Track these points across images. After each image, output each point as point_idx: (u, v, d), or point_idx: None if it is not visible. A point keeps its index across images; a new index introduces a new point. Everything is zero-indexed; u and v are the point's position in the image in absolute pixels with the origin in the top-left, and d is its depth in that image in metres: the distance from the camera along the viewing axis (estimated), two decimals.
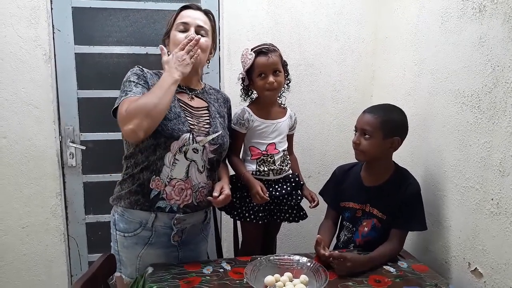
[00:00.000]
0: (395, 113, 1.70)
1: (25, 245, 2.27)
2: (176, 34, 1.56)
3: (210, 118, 1.62)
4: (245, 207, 1.80)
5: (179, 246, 1.63)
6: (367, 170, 1.78)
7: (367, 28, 2.41)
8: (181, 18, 1.58)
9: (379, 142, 1.65)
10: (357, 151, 1.71)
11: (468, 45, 1.59)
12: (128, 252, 1.58)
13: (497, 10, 1.43)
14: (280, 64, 1.79)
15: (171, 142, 1.49)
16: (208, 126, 1.59)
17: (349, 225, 1.80)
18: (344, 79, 2.44)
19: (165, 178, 1.51)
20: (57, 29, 2.18)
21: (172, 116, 1.50)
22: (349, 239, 1.80)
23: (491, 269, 1.49)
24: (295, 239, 2.50)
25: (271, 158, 1.82)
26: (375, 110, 1.70)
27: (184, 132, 1.50)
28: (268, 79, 1.75)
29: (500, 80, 1.42)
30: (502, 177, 1.43)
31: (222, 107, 1.74)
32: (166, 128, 1.47)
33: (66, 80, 2.23)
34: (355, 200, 1.78)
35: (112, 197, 1.62)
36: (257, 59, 1.75)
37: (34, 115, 2.16)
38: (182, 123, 1.51)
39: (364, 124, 1.67)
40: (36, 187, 2.22)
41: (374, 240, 1.71)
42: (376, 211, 1.72)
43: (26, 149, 2.18)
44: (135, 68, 1.56)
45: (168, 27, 1.61)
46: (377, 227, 1.72)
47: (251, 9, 2.28)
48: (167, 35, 1.62)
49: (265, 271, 1.43)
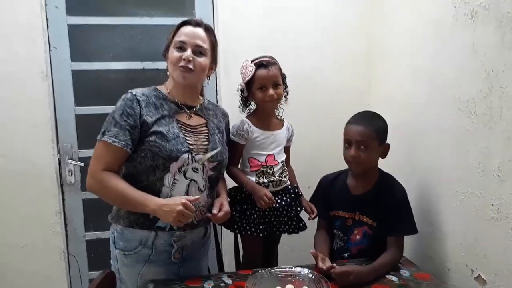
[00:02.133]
0: (381, 120, 1.73)
1: (25, 264, 2.24)
2: (173, 52, 1.54)
3: (208, 135, 1.62)
4: (245, 220, 1.80)
5: (180, 263, 1.61)
6: (355, 178, 1.79)
7: (362, 37, 2.42)
8: (179, 35, 1.55)
9: (376, 152, 1.67)
10: (354, 164, 1.70)
11: (462, 51, 1.60)
12: (129, 270, 1.56)
13: (489, 16, 1.44)
14: (280, 77, 1.80)
15: (170, 164, 1.48)
16: (206, 143, 1.59)
17: (340, 233, 1.80)
18: (340, 89, 2.44)
19: (164, 198, 1.49)
20: (54, 47, 2.19)
21: (171, 137, 1.50)
22: (342, 248, 1.80)
23: (494, 276, 1.48)
24: (297, 251, 2.47)
25: (271, 169, 1.82)
26: (363, 119, 1.70)
27: (183, 152, 1.50)
28: (268, 92, 1.76)
29: (494, 85, 1.43)
30: (501, 182, 1.42)
31: (221, 122, 1.73)
32: (164, 149, 1.47)
33: (64, 97, 2.23)
34: (344, 209, 1.78)
35: (111, 214, 1.61)
36: (258, 72, 1.76)
37: (32, 133, 2.15)
38: (181, 144, 1.51)
39: (359, 136, 1.66)
40: (35, 205, 2.21)
41: (367, 248, 1.71)
42: (366, 219, 1.73)
43: (24, 168, 2.17)
44: (128, 95, 1.51)
45: (168, 42, 1.59)
46: (368, 234, 1.72)
47: (246, 20, 2.30)
48: (166, 50, 1.59)
49: (266, 284, 1.42)
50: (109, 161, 1.48)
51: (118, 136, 1.45)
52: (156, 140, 1.48)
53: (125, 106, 1.48)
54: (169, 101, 1.58)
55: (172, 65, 1.54)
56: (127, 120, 1.47)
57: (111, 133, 1.46)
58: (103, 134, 1.48)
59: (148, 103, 1.52)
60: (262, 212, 1.80)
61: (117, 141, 1.45)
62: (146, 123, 1.48)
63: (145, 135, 1.48)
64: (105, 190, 1.48)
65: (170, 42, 1.57)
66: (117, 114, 1.48)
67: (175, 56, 1.52)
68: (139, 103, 1.49)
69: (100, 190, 1.49)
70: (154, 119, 1.50)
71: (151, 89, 1.58)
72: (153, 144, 1.47)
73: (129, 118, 1.47)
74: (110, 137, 1.45)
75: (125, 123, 1.46)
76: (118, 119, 1.47)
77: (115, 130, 1.46)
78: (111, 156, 1.47)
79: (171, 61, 1.54)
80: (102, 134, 1.48)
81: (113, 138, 1.45)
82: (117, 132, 1.46)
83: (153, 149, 1.47)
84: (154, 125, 1.49)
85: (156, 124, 1.50)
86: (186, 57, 1.51)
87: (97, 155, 1.50)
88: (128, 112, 1.47)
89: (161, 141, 1.48)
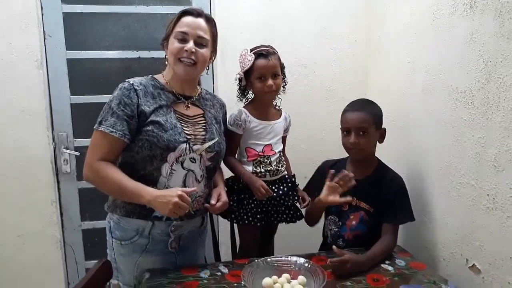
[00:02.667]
0: (375, 105, 1.77)
1: (21, 254, 2.24)
2: (174, 42, 1.51)
3: (206, 125, 1.61)
4: (242, 209, 1.80)
5: (176, 253, 1.62)
6: (353, 164, 1.80)
7: (359, 27, 2.41)
8: (181, 26, 1.51)
9: (374, 137, 1.71)
10: (355, 150, 1.71)
11: (460, 41, 1.59)
12: (125, 260, 1.56)
13: (488, 5, 1.44)
14: (279, 68, 1.79)
15: (167, 154, 1.48)
16: (204, 133, 1.58)
17: (335, 218, 1.81)
18: (338, 79, 2.44)
19: (162, 188, 1.49)
20: (48, 35, 2.16)
21: (168, 127, 1.49)
22: (336, 233, 1.81)
23: (489, 265, 1.49)
24: (293, 241, 2.49)
25: (268, 159, 1.82)
26: (359, 107, 1.73)
27: (180, 142, 1.49)
28: (267, 82, 1.75)
29: (492, 75, 1.42)
30: (497, 173, 1.42)
31: (218, 113, 1.72)
32: (162, 139, 1.46)
33: (59, 86, 2.21)
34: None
35: (107, 204, 1.61)
36: (257, 62, 1.75)
37: (27, 123, 2.14)
38: (178, 134, 1.50)
39: (359, 123, 1.68)
40: (30, 195, 2.20)
41: (363, 233, 1.73)
42: (363, 204, 1.74)
43: (19, 157, 2.16)
44: (126, 85, 1.49)
45: (168, 31, 1.55)
46: (365, 220, 1.73)
47: (243, 9, 2.28)
48: (166, 39, 1.56)
49: (262, 273, 1.42)
50: (106, 151, 1.46)
51: (115, 126, 1.44)
52: (153, 130, 1.46)
53: (122, 96, 1.46)
54: (167, 90, 1.56)
55: (173, 56, 1.51)
56: (124, 110, 1.45)
57: (108, 123, 1.44)
58: (99, 123, 1.46)
59: (145, 93, 1.50)
60: (259, 202, 1.80)
61: (114, 131, 1.44)
62: (143, 112, 1.47)
63: (143, 125, 1.47)
64: (101, 181, 1.47)
65: (171, 32, 1.53)
66: (114, 104, 1.46)
67: (176, 47, 1.50)
68: (136, 93, 1.47)
69: (97, 180, 1.48)
70: (151, 108, 1.49)
71: (148, 78, 1.56)
72: (151, 134, 1.46)
73: (126, 107, 1.45)
74: (107, 127, 1.44)
75: (122, 112, 1.45)
76: (115, 109, 1.45)
77: (112, 120, 1.44)
78: (108, 146, 1.46)
79: (171, 52, 1.51)
80: (99, 123, 1.46)
81: (110, 128, 1.44)
82: (114, 121, 1.44)
83: (151, 139, 1.46)
84: (151, 114, 1.48)
85: (153, 114, 1.48)
86: (189, 49, 1.49)
87: (93, 145, 1.48)
88: (126, 101, 1.46)
89: (159, 131, 1.46)
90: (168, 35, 1.55)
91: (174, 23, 1.53)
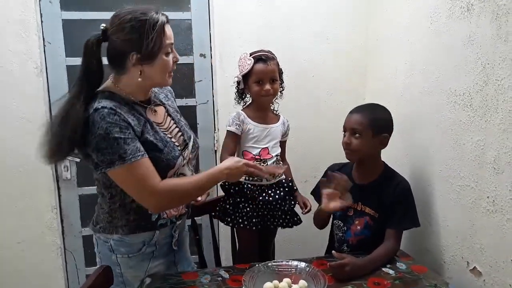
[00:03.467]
0: (381, 111, 1.75)
1: (21, 260, 2.24)
2: (167, 58, 1.39)
3: (176, 124, 1.56)
4: (238, 213, 1.80)
5: (175, 251, 1.62)
6: (358, 169, 1.80)
7: (358, 30, 2.42)
8: (168, 38, 1.38)
9: (369, 140, 1.68)
10: (348, 151, 1.72)
11: (458, 44, 1.59)
12: (134, 271, 1.52)
13: (485, 8, 1.44)
14: (277, 73, 1.81)
15: (167, 172, 1.42)
16: (181, 134, 1.55)
17: (340, 223, 1.81)
18: (336, 83, 2.44)
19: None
20: (48, 42, 2.17)
21: (162, 145, 1.41)
22: (341, 238, 1.81)
23: (489, 268, 1.49)
24: (294, 245, 2.49)
25: (264, 162, 1.82)
26: (361, 109, 1.74)
27: (177, 157, 1.45)
28: (264, 87, 1.77)
29: (490, 77, 1.43)
30: (497, 175, 1.43)
31: (173, 102, 1.66)
32: (160, 160, 1.39)
33: (59, 92, 2.19)
34: None
35: (99, 225, 1.50)
36: (256, 66, 1.76)
37: (27, 129, 2.13)
38: (172, 149, 1.45)
39: (353, 124, 1.69)
40: (31, 201, 2.20)
41: (368, 238, 1.72)
42: (368, 209, 1.73)
43: (20, 163, 2.16)
44: (105, 111, 1.30)
45: (157, 46, 1.34)
46: (370, 225, 1.72)
47: (242, 13, 2.28)
48: (154, 54, 1.35)
49: (263, 278, 1.41)
50: (153, 172, 1.36)
51: (139, 149, 1.33)
52: (148, 152, 1.36)
53: (115, 122, 1.30)
54: (132, 102, 1.42)
55: (165, 72, 1.41)
56: (130, 132, 1.32)
57: (131, 151, 1.30)
58: (123, 159, 1.30)
59: (125, 113, 1.35)
60: (255, 206, 1.80)
61: (143, 152, 1.33)
62: (137, 133, 1.36)
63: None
64: (179, 197, 1.45)
65: (160, 47, 1.35)
66: (115, 133, 1.29)
67: (171, 62, 1.41)
68: (122, 115, 1.33)
69: (173, 201, 1.45)
70: (141, 128, 1.38)
71: (108, 96, 1.37)
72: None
73: (128, 129, 1.32)
74: (135, 156, 1.31)
75: (131, 135, 1.32)
76: (122, 136, 1.30)
77: (132, 146, 1.31)
78: (150, 168, 1.35)
79: (166, 69, 1.40)
80: (122, 159, 1.30)
81: (139, 153, 1.32)
82: (135, 146, 1.32)
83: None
84: (142, 134, 1.38)
85: (144, 133, 1.38)
86: (177, 58, 1.44)
87: (140, 178, 1.34)
88: (122, 125, 1.31)
89: (155, 152, 1.38)
90: (157, 50, 1.35)
91: (162, 35, 1.36)
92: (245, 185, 1.82)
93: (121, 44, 1.35)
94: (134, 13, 1.34)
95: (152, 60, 1.36)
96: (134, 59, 1.35)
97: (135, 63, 1.35)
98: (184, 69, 2.36)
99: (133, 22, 1.33)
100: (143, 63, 1.36)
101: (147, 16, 1.33)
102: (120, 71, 1.40)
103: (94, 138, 1.30)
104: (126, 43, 1.34)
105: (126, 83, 1.41)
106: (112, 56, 1.39)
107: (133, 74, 1.38)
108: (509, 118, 1.36)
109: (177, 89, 2.31)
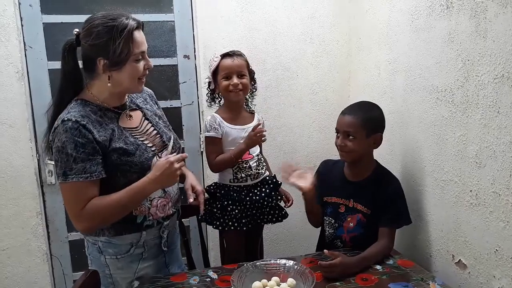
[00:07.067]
0: (373, 110, 1.75)
1: (7, 267, 2.20)
2: (136, 64, 1.38)
3: (155, 128, 1.56)
4: (226, 216, 1.80)
5: (165, 252, 1.61)
6: (350, 167, 1.81)
7: (340, 30, 2.44)
8: (138, 45, 1.37)
9: (363, 141, 1.69)
10: (343, 153, 1.73)
11: (439, 41, 1.62)
12: (124, 272, 1.52)
13: (464, 6, 1.47)
14: (245, 68, 1.82)
15: (144, 174, 1.41)
16: (159, 136, 1.55)
17: (331, 220, 1.82)
18: (321, 81, 2.46)
19: (146, 203, 1.47)
20: (29, 46, 2.14)
21: (133, 149, 1.41)
22: (332, 234, 1.81)
23: (474, 260, 1.51)
24: (282, 243, 2.49)
25: (246, 163, 1.82)
26: (354, 110, 1.73)
27: (151, 159, 1.44)
28: (232, 81, 1.77)
29: (471, 73, 1.45)
30: (479, 169, 1.45)
31: (152, 106, 1.65)
32: (133, 164, 1.40)
33: (41, 97, 2.19)
34: (338, 195, 1.80)
35: None
36: (222, 61, 1.79)
37: (9, 134, 2.11)
38: (145, 151, 1.44)
39: (346, 126, 1.69)
40: (15, 207, 2.17)
41: (361, 235, 1.73)
42: (360, 206, 1.74)
43: (2, 169, 2.12)
44: (70, 124, 1.31)
45: (121, 51, 1.32)
46: (362, 222, 1.73)
47: (224, 15, 2.28)
48: (123, 61, 1.35)
49: (252, 277, 1.42)
50: (88, 197, 1.35)
51: (86, 170, 1.32)
52: (120, 158, 1.38)
53: (73, 137, 1.31)
54: (105, 109, 1.43)
55: (134, 78, 1.40)
56: (84, 151, 1.32)
57: (75, 171, 1.31)
58: (65, 175, 1.32)
59: (93, 123, 1.36)
60: (243, 206, 1.81)
61: (89, 175, 1.33)
62: (103, 145, 1.36)
63: (107, 157, 1.38)
64: (102, 219, 1.39)
65: (129, 53, 1.34)
66: (70, 149, 1.31)
67: (141, 68, 1.40)
68: (86, 128, 1.33)
69: (96, 221, 1.40)
70: (108, 137, 1.38)
71: (81, 105, 1.39)
72: (120, 163, 1.39)
73: (85, 147, 1.32)
74: (79, 175, 1.32)
75: (84, 154, 1.32)
76: (74, 154, 1.31)
77: (79, 166, 1.32)
78: (88, 191, 1.35)
79: (135, 75, 1.39)
80: (64, 175, 1.32)
81: (83, 175, 1.32)
82: (82, 166, 1.32)
83: (122, 167, 1.39)
84: (110, 143, 1.38)
85: (112, 142, 1.39)
86: (150, 66, 1.43)
87: (69, 199, 1.37)
88: (81, 142, 1.32)
89: (127, 157, 1.39)
90: (125, 58, 1.35)
91: (130, 41, 1.34)
92: (230, 188, 1.82)
93: (89, 49, 1.36)
94: (104, 18, 1.34)
95: (120, 66, 1.36)
96: (102, 65, 1.35)
97: (104, 68, 1.36)
98: (168, 70, 2.35)
99: (100, 28, 1.33)
100: (111, 69, 1.36)
101: (116, 22, 1.33)
102: (91, 75, 1.41)
103: (54, 148, 1.35)
104: (94, 48, 1.34)
105: (98, 89, 1.43)
106: (83, 61, 1.41)
107: (103, 80, 1.39)
108: (489, 113, 1.39)
109: (161, 91, 2.33)
